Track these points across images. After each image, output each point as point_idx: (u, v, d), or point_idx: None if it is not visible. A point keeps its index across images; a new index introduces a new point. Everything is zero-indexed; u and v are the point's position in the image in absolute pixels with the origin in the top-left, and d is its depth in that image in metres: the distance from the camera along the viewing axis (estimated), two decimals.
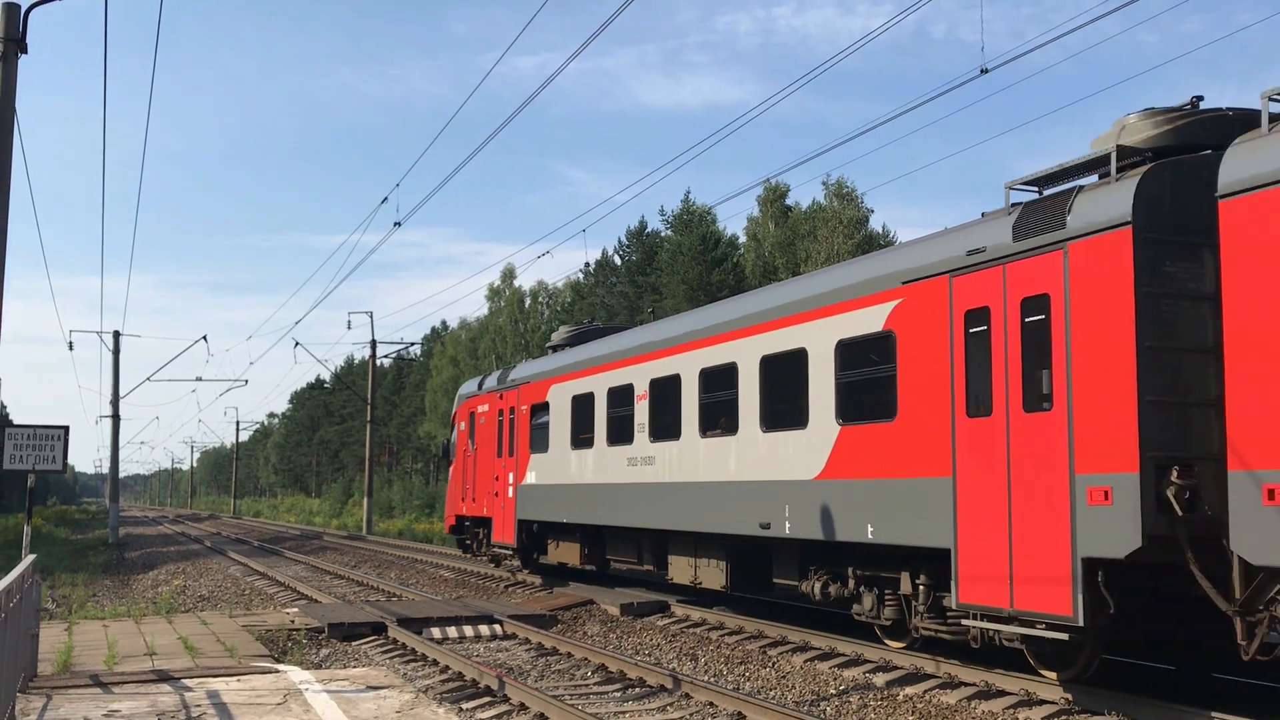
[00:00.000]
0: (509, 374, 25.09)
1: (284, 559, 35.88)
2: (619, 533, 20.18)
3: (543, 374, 22.95)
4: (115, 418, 49.55)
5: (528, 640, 16.03)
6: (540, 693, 11.30)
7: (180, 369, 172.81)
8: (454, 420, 28.76)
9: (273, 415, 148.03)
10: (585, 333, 23.86)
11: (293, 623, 17.12)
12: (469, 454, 26.82)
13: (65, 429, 19.18)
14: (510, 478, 23.90)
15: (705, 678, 12.99)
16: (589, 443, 20.28)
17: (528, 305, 69.45)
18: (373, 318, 57.14)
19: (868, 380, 12.97)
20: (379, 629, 16.65)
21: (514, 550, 24.13)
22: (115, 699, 11.05)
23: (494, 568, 26.56)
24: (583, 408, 20.67)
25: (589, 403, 20.38)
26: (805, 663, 13.71)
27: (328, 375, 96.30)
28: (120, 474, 51.68)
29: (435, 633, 16.45)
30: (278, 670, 12.86)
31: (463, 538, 28.28)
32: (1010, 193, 11.53)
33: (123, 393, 50.45)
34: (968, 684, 11.86)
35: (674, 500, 17.14)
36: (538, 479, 22.60)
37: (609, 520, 19.62)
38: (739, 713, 10.84)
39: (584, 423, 20.60)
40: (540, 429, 22.65)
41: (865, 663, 13.38)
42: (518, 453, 23.63)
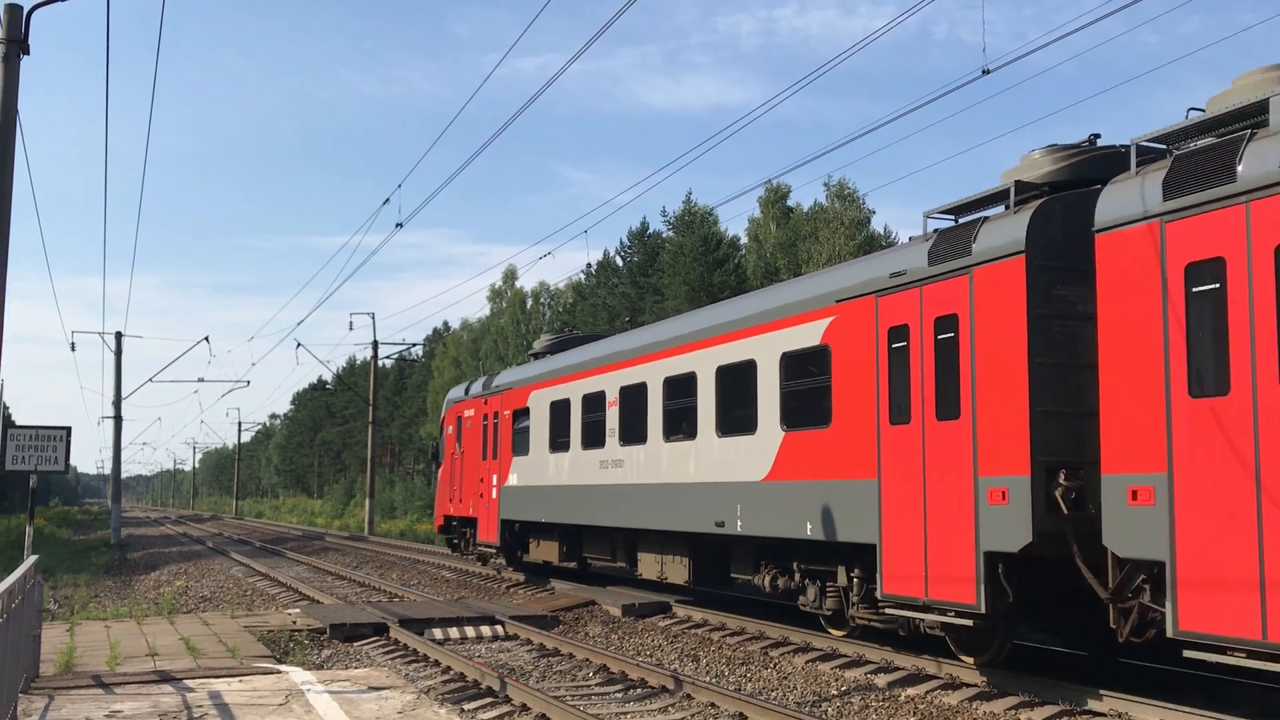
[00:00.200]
0: (493, 380, 26.22)
1: (286, 560, 35.90)
2: (594, 531, 21.27)
3: (524, 380, 24.08)
4: (117, 418, 50.07)
5: (529, 641, 16.11)
6: (542, 694, 11.31)
7: (182, 370, 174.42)
8: (443, 424, 29.92)
9: (275, 416, 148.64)
10: (565, 341, 25.06)
11: (294, 623, 17.15)
12: (456, 457, 27.93)
13: (67, 430, 19.33)
14: (494, 479, 25.01)
15: (707, 679, 13.06)
16: (566, 446, 21.41)
17: (529, 306, 69.44)
18: (374, 319, 57.48)
19: (807, 390, 14.10)
20: (381, 630, 16.71)
21: (498, 549, 25.24)
22: (117, 699, 11.09)
23: (482, 566, 27.63)
24: (560, 413, 21.79)
25: (566, 408, 21.49)
26: (807, 663, 13.85)
27: (330, 376, 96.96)
28: (122, 475, 52.28)
29: (437, 633, 16.50)
30: (279, 671, 12.87)
31: (451, 537, 29.44)
32: (928, 221, 12.68)
33: (125, 393, 50.98)
34: (969, 684, 12.11)
35: (641, 500, 18.26)
36: (519, 480, 23.72)
37: (584, 519, 20.74)
38: (741, 714, 10.91)
39: (561, 427, 21.73)
40: (521, 433, 23.76)
41: (867, 664, 13.55)
42: (501, 455, 24.74)
